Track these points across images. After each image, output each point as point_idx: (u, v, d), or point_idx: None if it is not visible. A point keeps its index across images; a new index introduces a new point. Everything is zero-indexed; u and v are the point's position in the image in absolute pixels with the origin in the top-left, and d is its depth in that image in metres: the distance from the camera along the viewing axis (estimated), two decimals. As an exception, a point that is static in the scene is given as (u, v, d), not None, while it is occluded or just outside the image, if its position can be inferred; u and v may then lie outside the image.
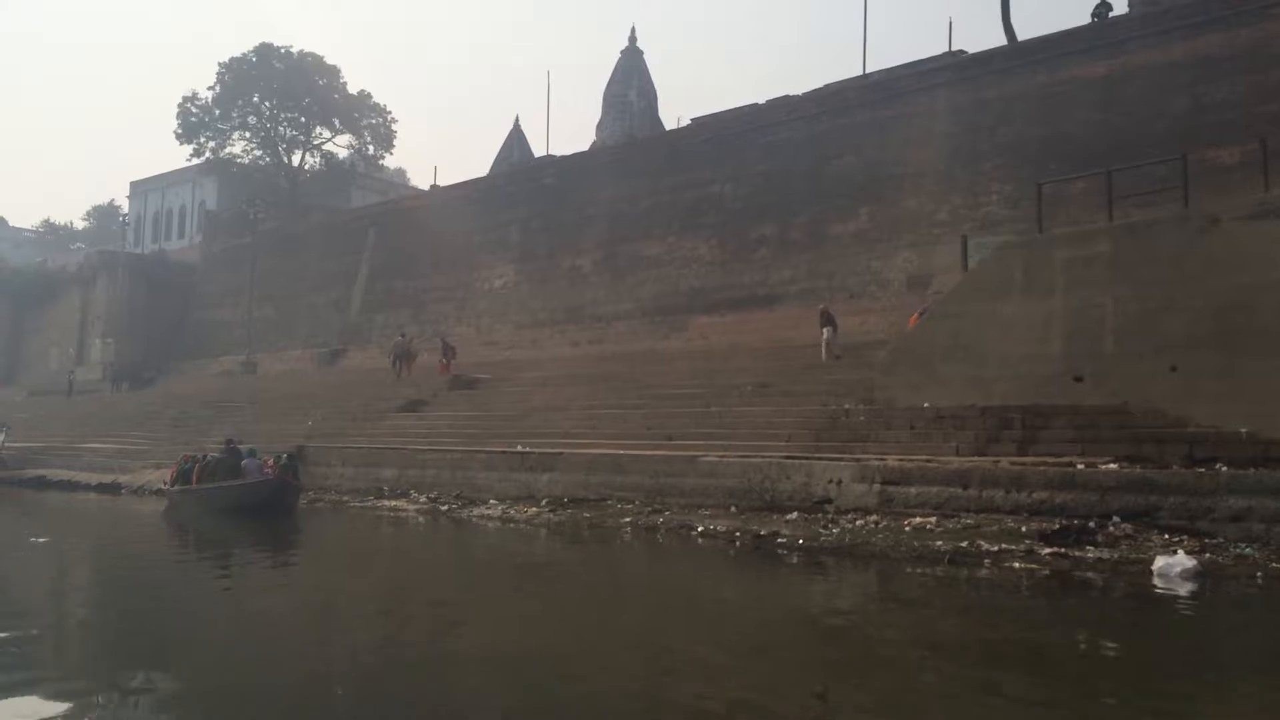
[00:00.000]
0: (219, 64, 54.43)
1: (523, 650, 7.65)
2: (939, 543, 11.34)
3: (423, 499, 18.64)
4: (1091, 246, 14.18)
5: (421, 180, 75.14)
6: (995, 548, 10.96)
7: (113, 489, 23.81)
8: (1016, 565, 10.41)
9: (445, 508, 17.77)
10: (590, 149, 42.32)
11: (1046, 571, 10.30)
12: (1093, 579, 10.00)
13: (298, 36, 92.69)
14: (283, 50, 54.81)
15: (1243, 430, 12.33)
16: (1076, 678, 6.74)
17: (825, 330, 21.73)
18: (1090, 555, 10.54)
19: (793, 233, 29.47)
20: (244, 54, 54.72)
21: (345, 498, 19.38)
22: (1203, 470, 11.78)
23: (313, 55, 55.37)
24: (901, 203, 27.49)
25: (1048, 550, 10.79)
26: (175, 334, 50.36)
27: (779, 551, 12.07)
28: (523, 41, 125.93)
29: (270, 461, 18.38)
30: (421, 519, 17.33)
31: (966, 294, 15.65)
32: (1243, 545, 10.79)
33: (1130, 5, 29.51)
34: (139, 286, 50.44)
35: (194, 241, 56.18)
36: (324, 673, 7.27)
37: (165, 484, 20.30)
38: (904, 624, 8.68)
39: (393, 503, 18.70)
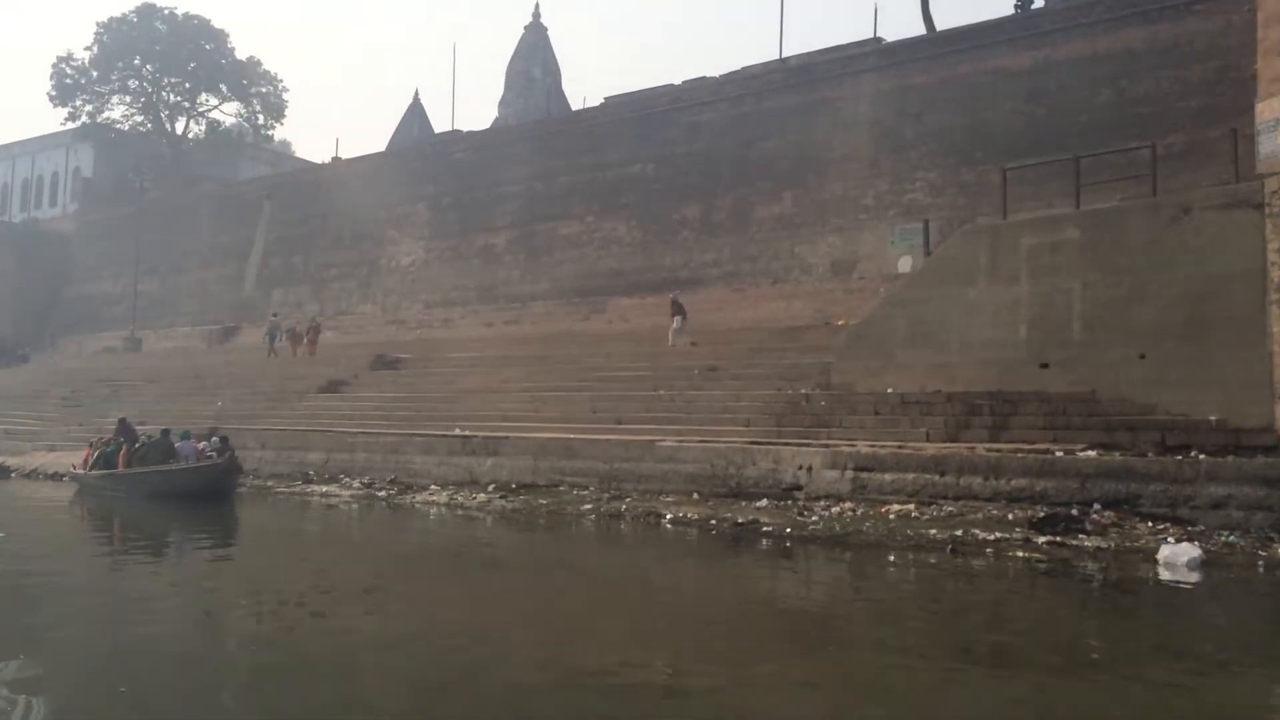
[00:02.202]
0: (97, 23, 51.63)
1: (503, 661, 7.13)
2: (933, 531, 11.14)
3: (355, 484, 17.76)
4: (1059, 233, 14.18)
5: (310, 154, 72.48)
6: (991, 536, 10.81)
7: (0, 472, 22.17)
8: (1020, 554, 10.25)
9: (383, 494, 16.95)
10: (502, 125, 41.35)
11: (1043, 560, 10.16)
12: (1093, 568, 9.89)
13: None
14: (166, 11, 52.11)
15: (1213, 418, 12.48)
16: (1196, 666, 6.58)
17: (675, 319, 22.24)
18: (1088, 545, 10.45)
19: (716, 215, 29.19)
20: (124, 14, 51.80)
21: (269, 482, 18.37)
22: (1181, 458, 11.84)
23: (198, 18, 52.75)
24: (826, 188, 27.43)
25: (1044, 539, 10.68)
26: (49, 308, 47.59)
27: (764, 541, 11.69)
28: (420, 14, 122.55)
29: (201, 445, 17.28)
30: (355, 505, 16.46)
31: (928, 279, 15.54)
32: (1226, 533, 10.87)
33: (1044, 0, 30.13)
34: (7, 257, 47.39)
35: (68, 210, 53.05)
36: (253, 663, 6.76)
37: (76, 468, 18.92)
38: (930, 618, 8.38)
39: (323, 488, 17.77)
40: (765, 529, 11.98)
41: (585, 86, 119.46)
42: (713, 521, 12.79)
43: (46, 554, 12.36)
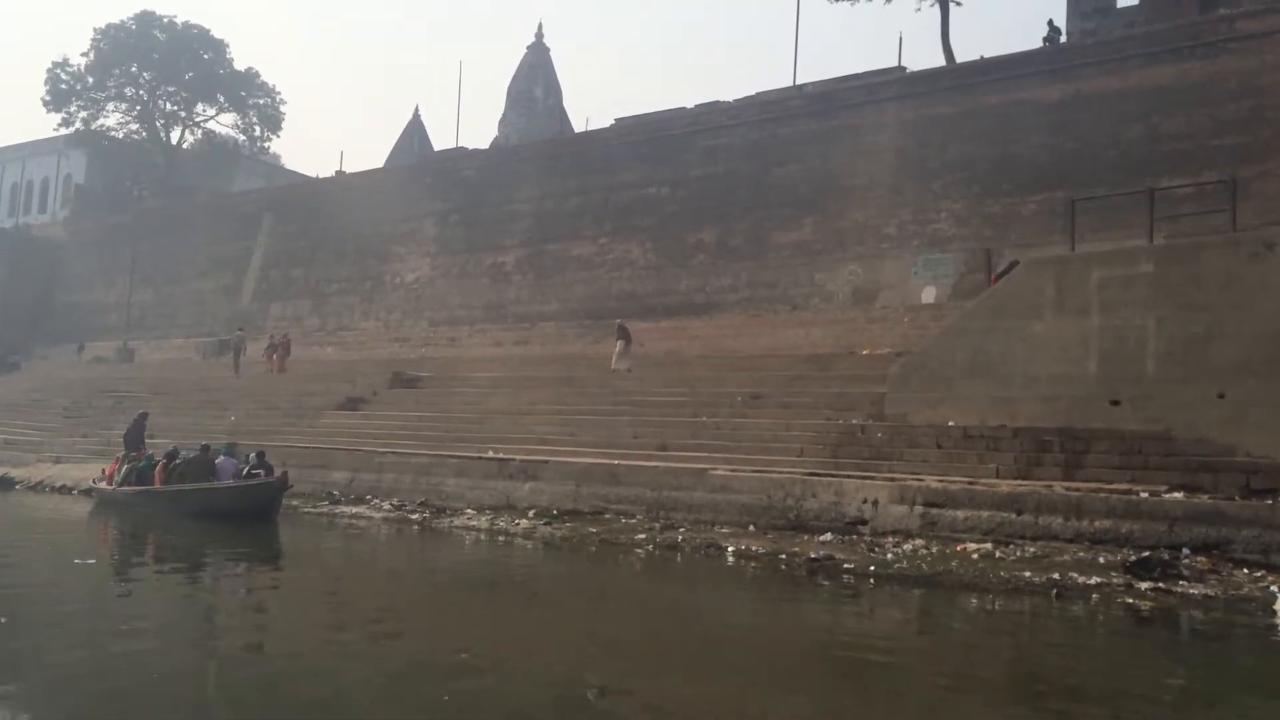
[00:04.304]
0: (95, 29, 51.02)
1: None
2: (1026, 573, 10.69)
3: (386, 506, 17.17)
4: (1132, 266, 13.85)
5: (303, 168, 71.77)
6: (1091, 580, 10.37)
7: (3, 484, 21.38)
8: (1129, 600, 9.82)
9: (416, 516, 16.36)
10: (503, 144, 41.09)
11: (1148, 607, 9.74)
12: (1202, 618, 9.47)
13: (182, 6, 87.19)
14: (165, 19, 51.67)
15: (1300, 461, 12.14)
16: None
17: (619, 343, 22.35)
18: (1194, 592, 10.03)
19: (733, 240, 28.87)
20: (123, 20, 51.28)
21: (295, 502, 17.67)
22: (1272, 502, 11.49)
23: (198, 27, 52.38)
24: (847, 215, 27.17)
25: (1145, 585, 10.25)
26: (39, 316, 46.62)
27: (845, 578, 11.21)
28: (420, 31, 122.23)
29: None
30: (385, 528, 15.91)
31: (991, 310, 15.16)
32: (1326, 582, 10.49)
33: (1068, 34, 30.10)
34: (-4, 264, 46.53)
35: (58, 217, 52.16)
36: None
37: (99, 482, 18.20)
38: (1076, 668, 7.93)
39: (352, 509, 17.15)
40: (846, 566, 11.48)
41: (587, 108, 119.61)
42: (782, 556, 12.28)
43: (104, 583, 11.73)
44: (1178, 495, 11.90)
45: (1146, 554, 11.11)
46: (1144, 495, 11.96)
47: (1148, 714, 6.59)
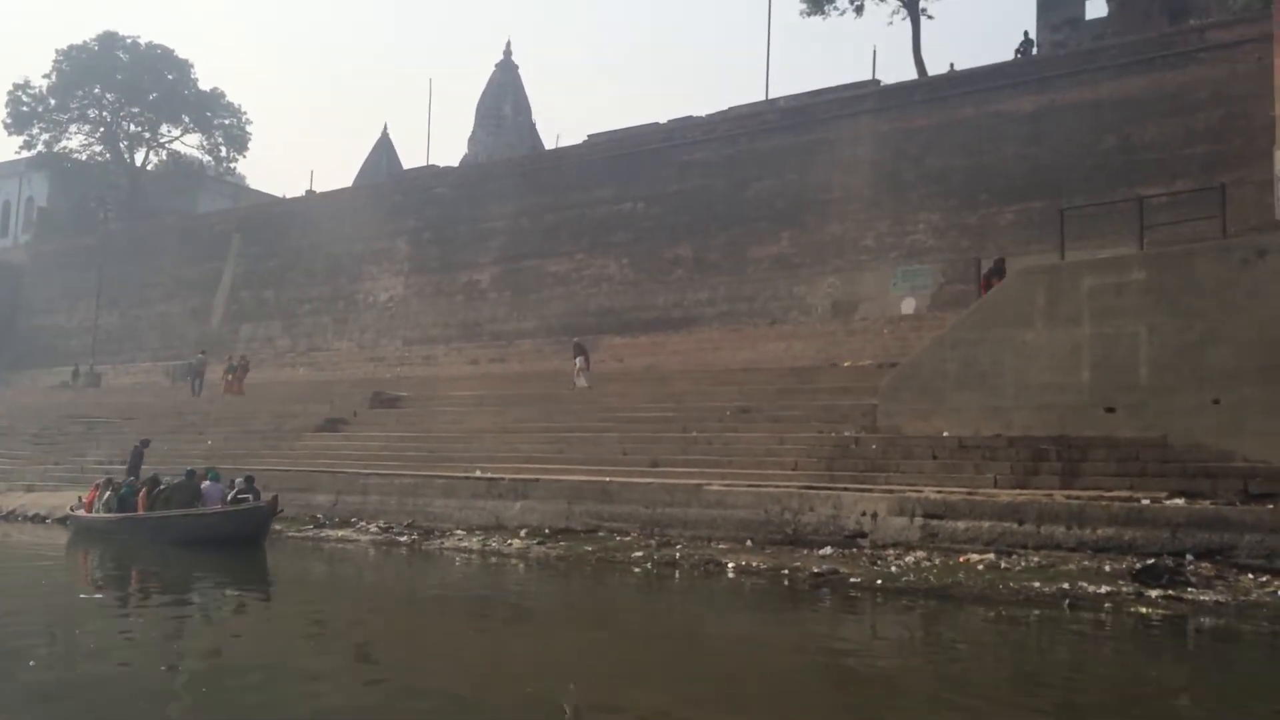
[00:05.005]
0: (57, 50, 50.21)
1: None
2: (1035, 583, 10.60)
3: (373, 528, 16.87)
4: (1123, 274, 13.87)
5: (269, 188, 71.04)
6: (1102, 590, 10.30)
7: (-31, 514, 20.84)
8: (1144, 610, 9.75)
9: (404, 539, 16.08)
10: (472, 162, 40.85)
11: (1160, 615, 9.68)
12: (1215, 624, 9.43)
13: (146, 27, 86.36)
14: (129, 40, 50.94)
15: (1298, 465, 12.17)
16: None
17: (577, 360, 22.73)
18: (1205, 599, 9.98)
19: (710, 254, 28.81)
20: (85, 41, 50.50)
21: (278, 527, 17.32)
22: (1273, 506, 11.49)
23: (162, 47, 51.60)
24: (825, 228, 27.20)
25: (1155, 593, 10.20)
26: (1, 342, 45.75)
27: (851, 593, 11.08)
28: (387, 50, 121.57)
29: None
30: (374, 552, 15.62)
31: (982, 320, 15.13)
32: (1331, 585, 10.49)
33: (1038, 45, 30.38)
34: (-45, 288, 45.64)
35: (19, 240, 51.31)
36: None
37: (76, 510, 17.75)
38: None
39: (338, 533, 16.85)
40: (852, 580, 11.35)
41: (558, 125, 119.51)
42: (784, 571, 12.14)
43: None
44: (1179, 502, 11.89)
45: (1152, 561, 11.06)
46: (1146, 502, 11.93)
47: None
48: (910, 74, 30.67)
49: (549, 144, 43.14)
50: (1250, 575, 10.79)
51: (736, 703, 7.13)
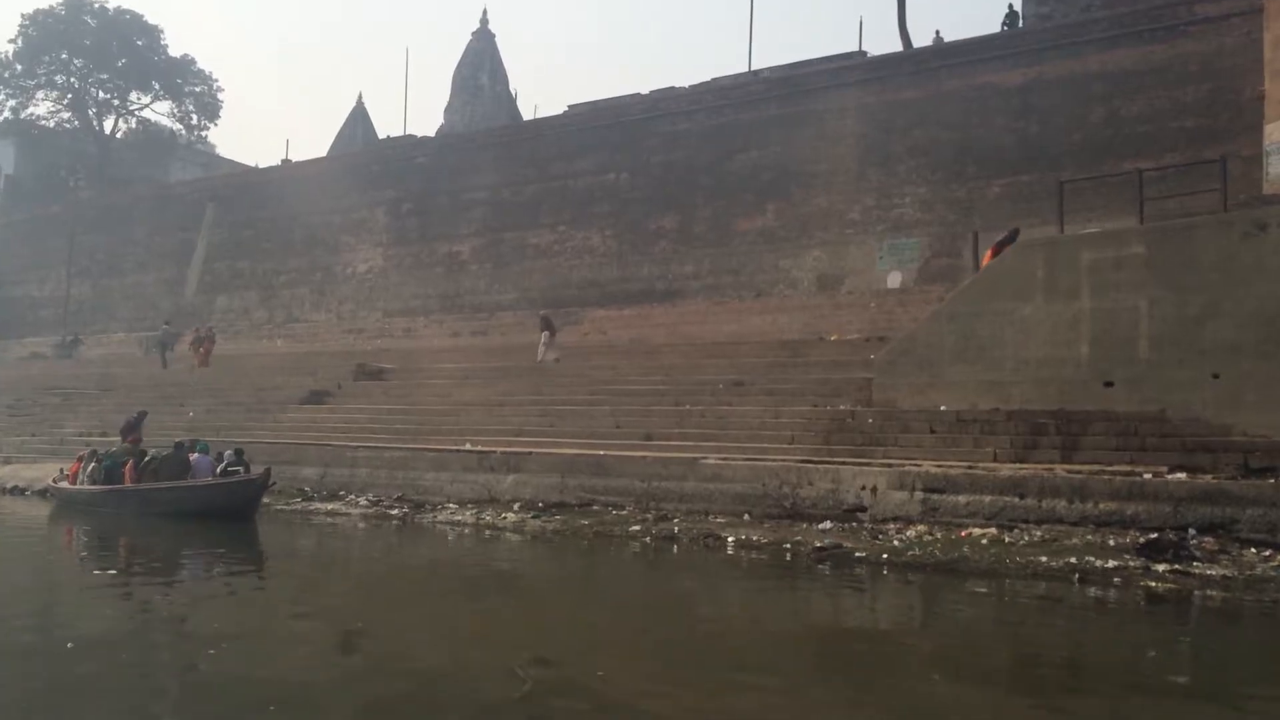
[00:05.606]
0: (22, 15, 49.16)
1: None
2: (1043, 558, 10.58)
3: (362, 501, 16.67)
4: (1122, 248, 13.82)
5: (244, 157, 70.12)
6: (1109, 564, 10.28)
7: (-59, 486, 20.46)
8: (1153, 584, 9.73)
9: (395, 512, 15.89)
10: (449, 131, 40.40)
11: (1164, 589, 9.67)
12: (1224, 598, 9.42)
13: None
14: (96, 5, 49.89)
15: (1297, 440, 12.20)
16: None
17: (544, 334, 22.60)
18: (1213, 573, 9.98)
19: (695, 226, 28.62)
20: (51, 6, 49.40)
21: (266, 500, 17.08)
22: (1275, 480, 11.52)
23: (130, 12, 50.57)
24: (811, 201, 27.05)
25: (1162, 567, 10.19)
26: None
27: (855, 568, 11.01)
28: (362, 18, 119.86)
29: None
30: (365, 525, 15.43)
31: (979, 293, 15.07)
32: (1333, 560, 10.53)
33: (1024, 18, 30.24)
34: (-80, 258, 44.72)
35: (-14, 210, 50.38)
36: None
37: (59, 482, 17.42)
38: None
39: (327, 506, 16.64)
40: (857, 555, 11.29)
41: (536, 96, 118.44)
42: (786, 545, 12.06)
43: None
44: (1181, 476, 11.89)
45: (1155, 535, 11.07)
46: (1148, 477, 11.93)
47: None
48: (895, 47, 30.55)
49: (527, 115, 42.70)
50: (1253, 550, 10.80)
51: (726, 675, 7.05)
